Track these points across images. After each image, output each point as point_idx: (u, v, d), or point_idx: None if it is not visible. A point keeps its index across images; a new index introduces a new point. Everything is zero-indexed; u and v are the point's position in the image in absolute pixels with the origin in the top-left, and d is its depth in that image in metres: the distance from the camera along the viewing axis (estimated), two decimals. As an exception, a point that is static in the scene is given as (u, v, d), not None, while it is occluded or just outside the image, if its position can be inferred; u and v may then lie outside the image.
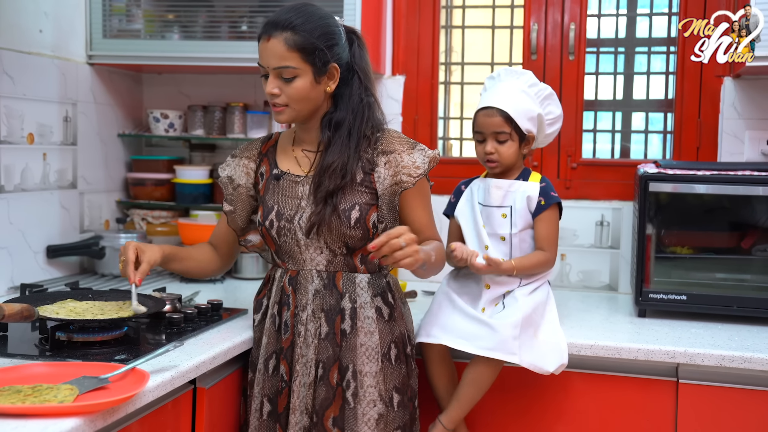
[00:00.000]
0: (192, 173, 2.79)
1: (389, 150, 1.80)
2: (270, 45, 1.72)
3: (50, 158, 2.46)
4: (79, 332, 1.69)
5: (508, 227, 1.99)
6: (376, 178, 1.79)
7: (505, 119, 1.96)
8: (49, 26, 2.45)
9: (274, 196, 1.83)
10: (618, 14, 2.74)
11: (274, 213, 1.81)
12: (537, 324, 1.91)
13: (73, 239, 2.56)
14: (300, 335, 1.78)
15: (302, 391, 1.76)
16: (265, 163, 1.89)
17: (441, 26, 2.79)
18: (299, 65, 1.72)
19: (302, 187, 1.81)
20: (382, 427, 1.75)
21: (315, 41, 1.72)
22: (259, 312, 1.88)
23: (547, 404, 1.98)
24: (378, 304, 1.80)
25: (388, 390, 1.77)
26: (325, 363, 1.76)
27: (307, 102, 1.76)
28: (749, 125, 2.50)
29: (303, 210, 1.79)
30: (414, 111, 2.77)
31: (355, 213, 1.76)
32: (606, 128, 2.77)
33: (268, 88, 1.74)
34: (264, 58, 1.74)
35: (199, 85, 2.90)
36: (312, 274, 1.80)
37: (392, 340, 1.80)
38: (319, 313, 1.78)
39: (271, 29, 1.72)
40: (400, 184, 1.79)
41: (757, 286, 2.20)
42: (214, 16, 2.58)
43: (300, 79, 1.73)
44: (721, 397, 1.87)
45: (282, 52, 1.71)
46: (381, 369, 1.77)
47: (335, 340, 1.76)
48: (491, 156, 1.99)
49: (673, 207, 2.25)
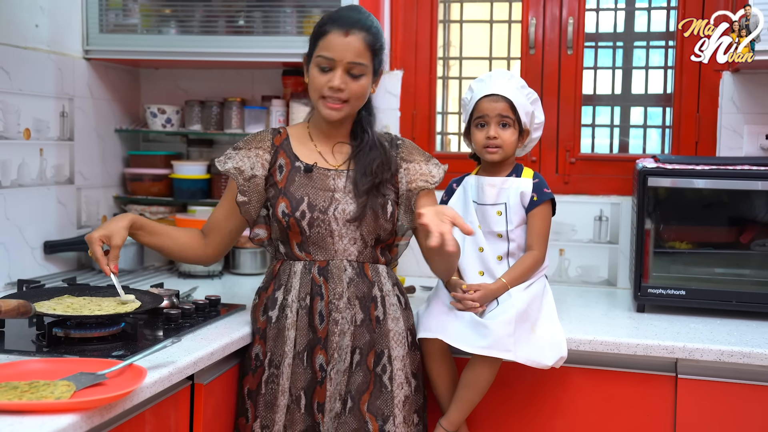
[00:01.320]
0: (190, 168, 2.79)
1: (409, 159, 1.93)
2: (349, 40, 1.79)
3: (47, 154, 2.45)
4: (77, 328, 1.68)
5: (504, 224, 1.99)
6: (399, 179, 1.90)
7: (509, 105, 1.98)
8: (46, 21, 2.44)
9: (303, 188, 1.85)
10: (616, 8, 2.73)
11: (305, 204, 1.83)
12: (534, 318, 1.90)
13: (70, 235, 2.55)
14: (337, 323, 1.81)
15: (337, 377, 1.79)
16: (282, 155, 1.90)
17: (439, 21, 2.79)
18: (369, 64, 1.82)
19: (334, 180, 1.86)
20: (408, 409, 1.83)
21: (382, 45, 1.86)
22: (275, 308, 1.86)
23: (546, 399, 1.98)
24: (397, 293, 1.90)
25: (409, 374, 1.86)
26: (362, 349, 1.82)
27: (362, 100, 1.86)
28: (748, 120, 2.49)
29: (338, 201, 1.84)
30: (412, 106, 2.76)
31: (389, 207, 1.87)
32: (604, 123, 2.77)
33: (336, 81, 1.79)
34: (339, 52, 1.79)
35: (196, 80, 2.90)
36: (344, 264, 1.84)
37: (408, 328, 1.90)
38: (354, 300, 1.83)
39: (350, 26, 1.79)
40: (416, 189, 1.90)
41: (755, 280, 2.20)
42: (211, 11, 2.57)
43: (365, 77, 1.83)
44: (720, 392, 1.87)
45: (360, 49, 1.79)
46: (407, 353, 1.86)
47: (371, 326, 1.84)
48: (494, 141, 1.98)
49: (672, 202, 2.24)
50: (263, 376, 1.84)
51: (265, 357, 1.84)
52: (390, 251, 1.94)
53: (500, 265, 2.00)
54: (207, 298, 2.03)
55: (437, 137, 2.84)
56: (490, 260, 2.00)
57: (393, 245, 1.94)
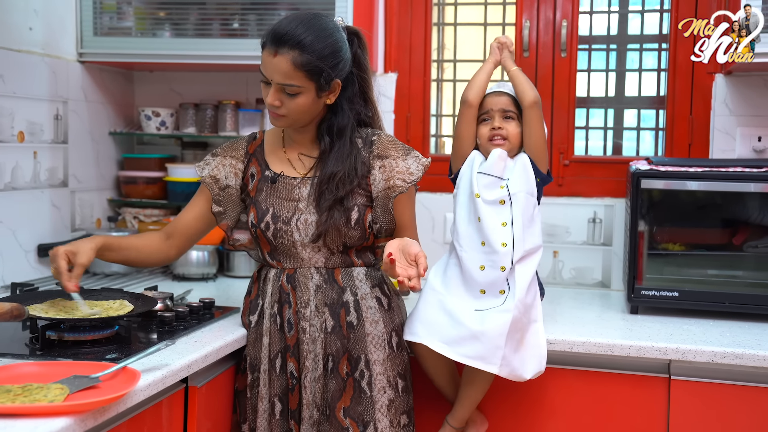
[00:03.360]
0: (184, 171, 2.78)
1: (384, 155, 1.84)
2: (276, 61, 1.70)
3: (41, 156, 2.45)
4: (70, 331, 1.68)
5: (507, 191, 1.94)
6: (371, 180, 1.83)
7: (511, 100, 2.01)
8: (39, 24, 2.44)
9: (269, 198, 1.84)
10: (610, 11, 2.74)
11: (269, 215, 1.82)
12: (524, 328, 1.88)
13: (64, 238, 2.55)
14: (305, 331, 1.79)
15: (313, 385, 1.78)
16: (254, 163, 1.89)
17: (433, 23, 2.79)
18: (303, 84, 1.72)
19: (299, 189, 1.83)
20: (393, 413, 1.80)
21: (321, 64, 1.71)
22: (255, 313, 1.87)
23: (540, 401, 1.98)
24: (377, 295, 1.85)
25: (394, 376, 1.82)
26: (334, 356, 1.79)
27: (307, 114, 1.79)
28: (740, 122, 2.50)
29: (301, 212, 1.81)
30: (406, 108, 2.77)
31: (355, 214, 1.80)
32: (598, 125, 2.77)
33: (270, 99, 1.74)
34: (268, 72, 1.73)
35: (190, 82, 2.90)
36: (311, 272, 1.82)
37: (393, 329, 1.85)
38: (322, 307, 1.80)
39: (279, 45, 1.70)
40: (394, 188, 1.82)
41: (748, 282, 2.21)
42: (206, 14, 2.57)
43: (303, 95, 1.74)
44: (713, 393, 1.88)
45: (288, 70, 1.70)
46: (388, 356, 1.82)
47: (342, 333, 1.80)
48: (499, 131, 1.98)
49: (665, 204, 2.25)
50: (248, 380, 1.85)
51: (248, 361, 1.86)
52: (373, 252, 1.90)
53: (505, 230, 1.92)
54: (201, 300, 2.03)
55: (431, 140, 2.84)
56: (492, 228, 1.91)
57: (374, 246, 1.90)
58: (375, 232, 1.85)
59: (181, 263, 2.55)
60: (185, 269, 2.56)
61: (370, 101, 1.92)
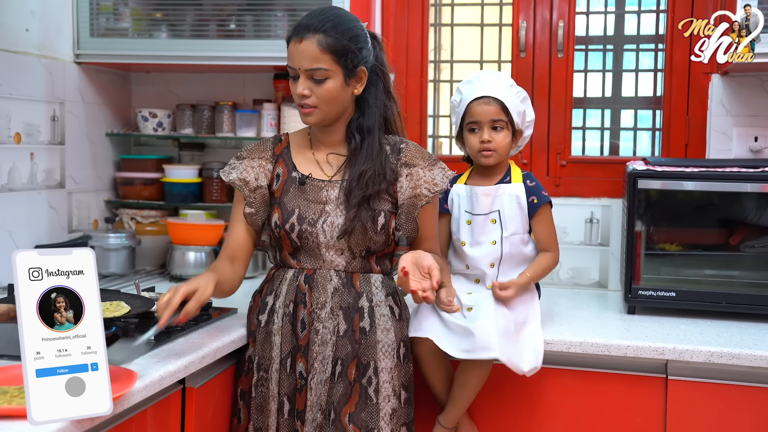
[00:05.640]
0: (181, 172, 2.78)
1: (412, 163, 1.86)
2: (302, 47, 1.74)
3: (38, 158, 2.45)
4: (67, 332, 1.67)
5: (499, 231, 1.99)
6: (398, 187, 1.85)
7: (501, 108, 1.98)
8: (36, 25, 2.43)
9: (295, 199, 1.84)
10: (606, 11, 2.74)
11: (295, 217, 1.82)
12: (519, 323, 1.90)
13: (61, 239, 2.55)
14: (317, 332, 1.79)
15: (319, 388, 1.78)
16: (280, 164, 1.89)
17: (430, 24, 2.79)
18: (331, 67, 1.75)
19: (326, 192, 1.84)
20: (395, 422, 1.79)
21: (347, 43, 1.76)
22: (265, 312, 1.86)
23: (537, 401, 1.99)
24: (390, 304, 1.85)
25: (399, 386, 1.82)
26: (344, 360, 1.78)
27: (337, 104, 1.80)
28: (737, 122, 2.51)
29: (327, 214, 1.82)
30: (404, 109, 2.77)
31: (381, 219, 1.82)
32: (595, 125, 2.78)
33: (299, 89, 1.76)
34: (295, 60, 1.76)
35: (187, 83, 2.89)
36: (330, 274, 1.83)
37: (402, 339, 1.85)
38: (337, 310, 1.80)
39: (303, 31, 1.74)
40: (420, 197, 1.84)
41: (745, 282, 2.21)
42: (203, 15, 2.57)
43: (331, 80, 1.76)
44: (710, 393, 1.88)
45: (315, 53, 1.74)
46: (395, 366, 1.81)
47: (354, 338, 1.79)
48: (488, 144, 1.98)
49: (662, 204, 2.25)
50: (254, 379, 1.84)
51: (255, 360, 1.85)
52: (390, 260, 1.92)
53: (492, 271, 2.00)
54: (198, 301, 2.03)
55: (429, 140, 2.85)
56: (482, 268, 2.00)
57: (393, 254, 1.92)
58: (396, 240, 1.87)
59: (178, 264, 2.55)
60: (182, 270, 2.56)
61: (393, 100, 1.94)
